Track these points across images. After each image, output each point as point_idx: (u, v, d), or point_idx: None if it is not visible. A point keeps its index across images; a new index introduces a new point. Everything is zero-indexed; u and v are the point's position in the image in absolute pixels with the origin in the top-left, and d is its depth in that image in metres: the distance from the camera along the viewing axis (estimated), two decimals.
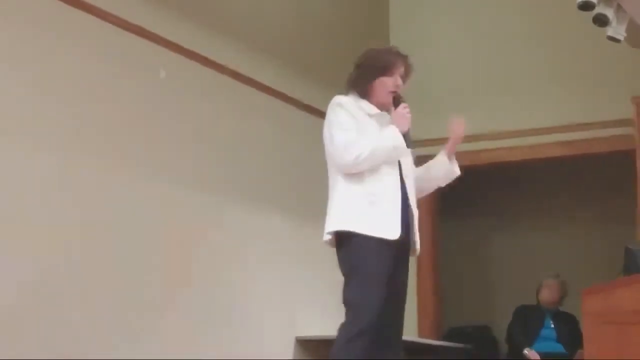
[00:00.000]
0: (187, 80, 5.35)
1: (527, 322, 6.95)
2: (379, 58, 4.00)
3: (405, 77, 4.06)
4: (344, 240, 3.84)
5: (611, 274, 5.48)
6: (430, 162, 4.26)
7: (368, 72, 3.98)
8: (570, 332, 6.74)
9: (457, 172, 4.25)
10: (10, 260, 4.10)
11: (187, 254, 5.16)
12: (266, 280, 5.53)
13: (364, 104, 3.97)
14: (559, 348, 6.83)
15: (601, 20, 5.40)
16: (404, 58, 4.05)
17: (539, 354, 6.72)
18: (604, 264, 7.12)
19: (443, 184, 4.27)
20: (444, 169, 4.20)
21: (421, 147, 7.42)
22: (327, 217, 3.92)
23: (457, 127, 4.35)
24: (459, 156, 3.91)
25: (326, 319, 3.67)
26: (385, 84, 3.98)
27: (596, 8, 5.30)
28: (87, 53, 4.68)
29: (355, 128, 3.85)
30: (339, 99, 3.94)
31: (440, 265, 7.62)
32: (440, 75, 7.53)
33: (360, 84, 3.98)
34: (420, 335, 7.20)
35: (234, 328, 5.41)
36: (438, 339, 7.35)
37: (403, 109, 3.98)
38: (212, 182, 5.42)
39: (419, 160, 4.29)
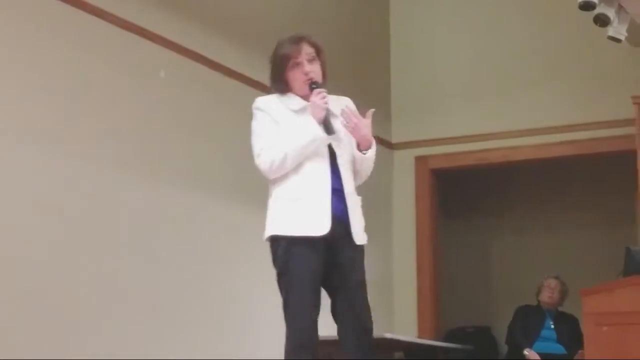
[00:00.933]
0: (187, 80, 5.34)
1: (528, 322, 6.94)
2: (279, 52, 3.73)
3: (314, 58, 3.73)
4: (272, 246, 3.66)
5: (612, 274, 5.48)
6: None
7: (277, 67, 3.74)
8: (571, 332, 6.74)
9: (371, 156, 3.80)
10: None
11: (182, 253, 5.13)
12: (260, 280, 5.45)
13: (288, 99, 3.73)
14: (559, 348, 6.82)
15: (602, 20, 5.40)
16: (300, 40, 3.73)
17: (539, 354, 6.71)
18: (605, 264, 7.11)
19: (367, 170, 3.85)
20: (357, 157, 3.77)
21: (422, 147, 7.56)
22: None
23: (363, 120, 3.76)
24: (461, 156, 3.89)
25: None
26: (296, 77, 3.72)
27: (597, 8, 5.29)
28: (82, 50, 4.67)
29: (273, 130, 3.65)
30: (257, 101, 3.75)
31: (441, 265, 7.61)
32: (442, 76, 7.54)
33: (276, 80, 3.76)
34: (420, 335, 7.19)
35: (228, 328, 5.38)
36: (438, 339, 7.34)
37: (316, 96, 3.65)
38: (210, 181, 5.39)
39: (419, 161, 4.17)
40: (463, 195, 8.67)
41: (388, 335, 6.06)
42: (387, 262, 7.38)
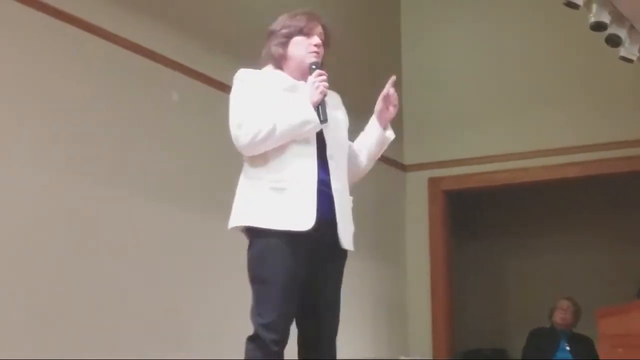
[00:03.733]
0: (198, 103, 5.34)
1: (542, 345, 6.90)
2: (291, 22, 3.42)
3: (326, 40, 3.46)
4: (249, 238, 3.27)
5: (626, 296, 5.46)
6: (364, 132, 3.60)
7: (282, 36, 3.40)
8: (587, 354, 6.69)
9: (392, 135, 3.61)
10: None
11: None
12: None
13: (277, 76, 3.38)
14: None
15: (614, 41, 5.40)
16: (317, 19, 3.45)
17: None
18: (619, 286, 7.09)
19: (378, 154, 3.62)
20: (376, 135, 3.55)
21: (435, 169, 7.55)
22: (232, 209, 3.34)
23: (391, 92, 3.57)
24: (474, 178, 3.82)
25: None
26: (299, 51, 3.38)
27: (609, 29, 5.29)
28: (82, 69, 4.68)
29: (257, 103, 3.26)
30: (240, 72, 3.36)
31: (455, 287, 7.59)
32: (454, 97, 7.53)
33: (273, 51, 3.39)
34: (435, 356, 7.16)
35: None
36: None
37: (316, 76, 3.32)
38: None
39: (432, 183, 3.98)
40: (476, 217, 8.65)
41: (403, 357, 6.04)
42: (401, 284, 7.36)
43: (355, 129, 3.60)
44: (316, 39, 3.40)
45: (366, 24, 7.30)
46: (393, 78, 3.55)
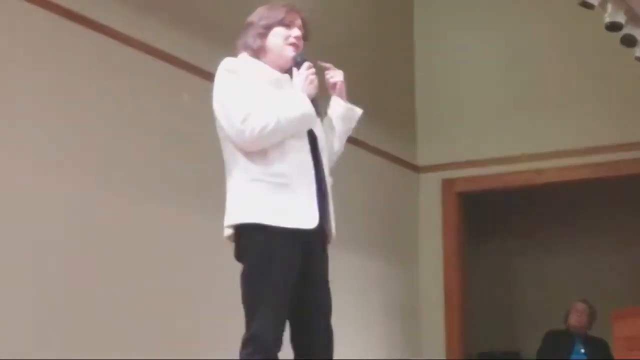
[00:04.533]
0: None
1: (557, 347, 6.87)
2: (270, 13, 3.36)
3: (305, 33, 3.40)
4: (246, 235, 3.18)
5: None
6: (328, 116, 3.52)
7: (258, 27, 3.34)
8: (602, 357, 6.66)
9: (358, 110, 3.53)
10: None
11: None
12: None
13: (260, 67, 3.31)
14: None
15: (629, 41, 5.37)
16: (297, 12, 3.39)
17: None
18: (635, 287, 7.06)
19: (349, 131, 3.53)
20: (341, 111, 3.46)
21: (449, 170, 7.53)
22: (227, 208, 3.25)
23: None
24: (488, 179, 3.81)
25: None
26: (277, 42, 3.31)
27: (624, 29, 5.26)
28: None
29: (256, 96, 3.19)
30: (230, 62, 3.28)
31: (468, 289, 7.56)
32: (468, 97, 7.50)
33: (251, 42, 3.32)
34: (448, 358, 7.14)
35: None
36: None
37: (307, 69, 3.28)
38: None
39: (446, 184, 3.96)
40: (490, 218, 8.62)
41: (415, 359, 6.01)
42: (414, 286, 7.33)
43: (369, 133, 3.58)
44: (296, 31, 3.36)
45: (378, 25, 7.27)
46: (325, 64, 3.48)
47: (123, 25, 4.82)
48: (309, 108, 3.24)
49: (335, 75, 3.46)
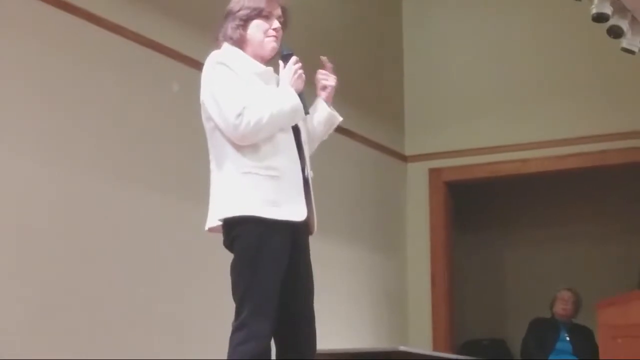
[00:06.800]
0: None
1: (542, 335, 6.92)
2: (249, 3, 3.34)
3: (284, 23, 3.40)
4: (238, 226, 3.20)
5: (626, 286, 5.47)
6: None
7: (238, 18, 3.33)
8: (586, 344, 6.71)
9: (339, 117, 3.53)
10: None
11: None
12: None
13: (246, 59, 3.32)
14: None
15: (616, 32, 5.38)
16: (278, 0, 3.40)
17: None
18: (619, 276, 7.10)
19: (325, 135, 3.55)
20: (324, 115, 3.47)
21: (436, 160, 7.56)
22: (217, 200, 3.27)
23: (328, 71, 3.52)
24: (475, 169, 3.84)
25: None
26: (257, 34, 3.32)
27: (610, 20, 5.28)
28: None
29: (248, 90, 3.21)
30: (220, 55, 3.28)
31: (455, 277, 7.60)
32: (456, 88, 7.53)
33: (231, 33, 3.33)
34: (435, 348, 7.17)
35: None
36: (452, 352, 7.32)
37: (294, 64, 3.32)
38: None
39: (433, 173, 4.00)
40: (476, 208, 8.65)
41: (402, 348, 6.04)
42: (401, 274, 7.36)
43: (357, 122, 3.60)
44: (276, 23, 3.36)
45: (367, 16, 7.29)
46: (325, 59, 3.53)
47: (111, 13, 4.82)
48: (298, 102, 3.27)
49: (329, 80, 3.49)
